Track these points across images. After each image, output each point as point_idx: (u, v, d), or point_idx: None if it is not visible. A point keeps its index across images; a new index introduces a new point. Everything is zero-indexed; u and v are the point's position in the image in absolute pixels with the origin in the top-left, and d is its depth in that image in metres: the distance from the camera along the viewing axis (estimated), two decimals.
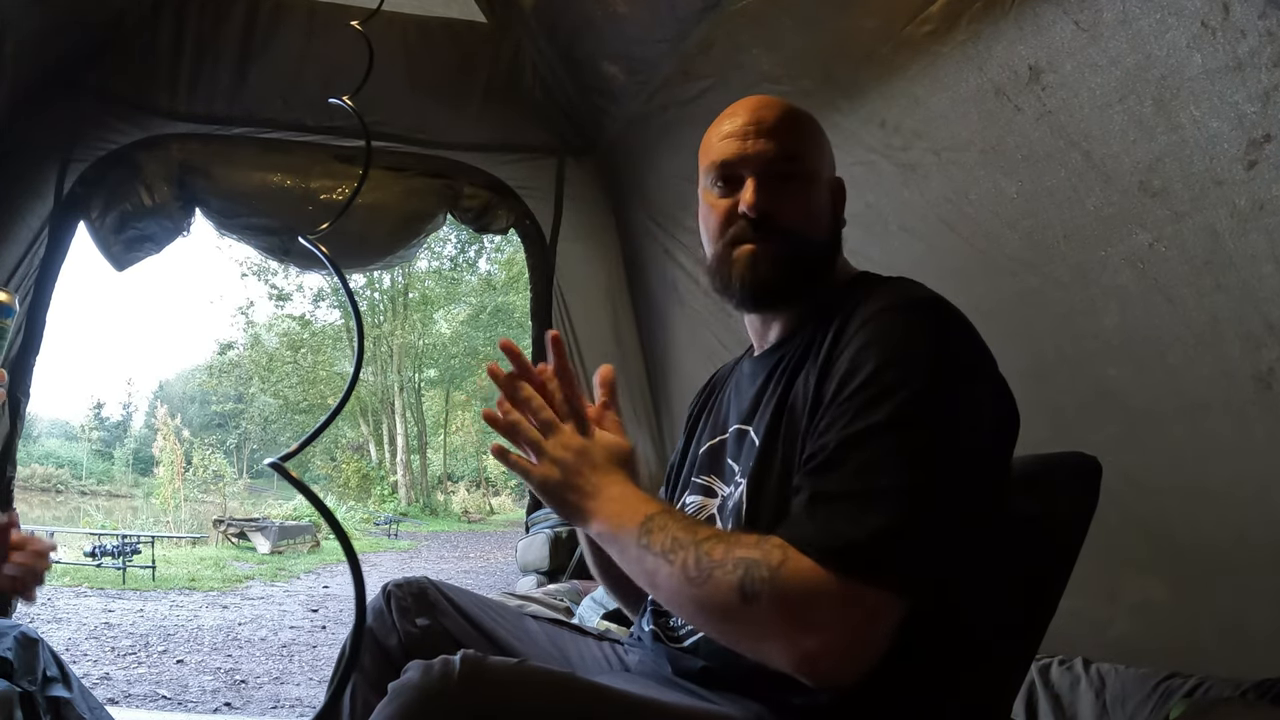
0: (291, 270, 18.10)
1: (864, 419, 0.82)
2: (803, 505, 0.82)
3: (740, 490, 0.98)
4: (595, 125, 3.26)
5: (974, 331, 0.91)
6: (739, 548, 0.80)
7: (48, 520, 13.54)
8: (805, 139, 1.05)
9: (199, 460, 18.52)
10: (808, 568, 0.77)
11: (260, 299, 27.35)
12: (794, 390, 0.95)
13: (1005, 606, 0.91)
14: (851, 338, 0.89)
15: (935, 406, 0.82)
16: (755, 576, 0.77)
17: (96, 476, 23.72)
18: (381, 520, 16.16)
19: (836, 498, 0.80)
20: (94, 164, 2.89)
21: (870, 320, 0.89)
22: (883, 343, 0.86)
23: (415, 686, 0.73)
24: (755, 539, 0.81)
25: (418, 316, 21.92)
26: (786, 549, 0.78)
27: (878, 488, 0.79)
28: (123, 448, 25.58)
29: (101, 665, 4.28)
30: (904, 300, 0.91)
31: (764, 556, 0.78)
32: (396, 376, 22.02)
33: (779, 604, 0.77)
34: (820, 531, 0.78)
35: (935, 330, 0.88)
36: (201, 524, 13.77)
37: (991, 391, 0.90)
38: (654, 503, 0.90)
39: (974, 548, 0.84)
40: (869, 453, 0.81)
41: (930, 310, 0.90)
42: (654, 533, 0.85)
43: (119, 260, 3.03)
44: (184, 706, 3.62)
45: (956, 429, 0.83)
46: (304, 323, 21.65)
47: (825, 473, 0.82)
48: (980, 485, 0.86)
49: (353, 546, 0.74)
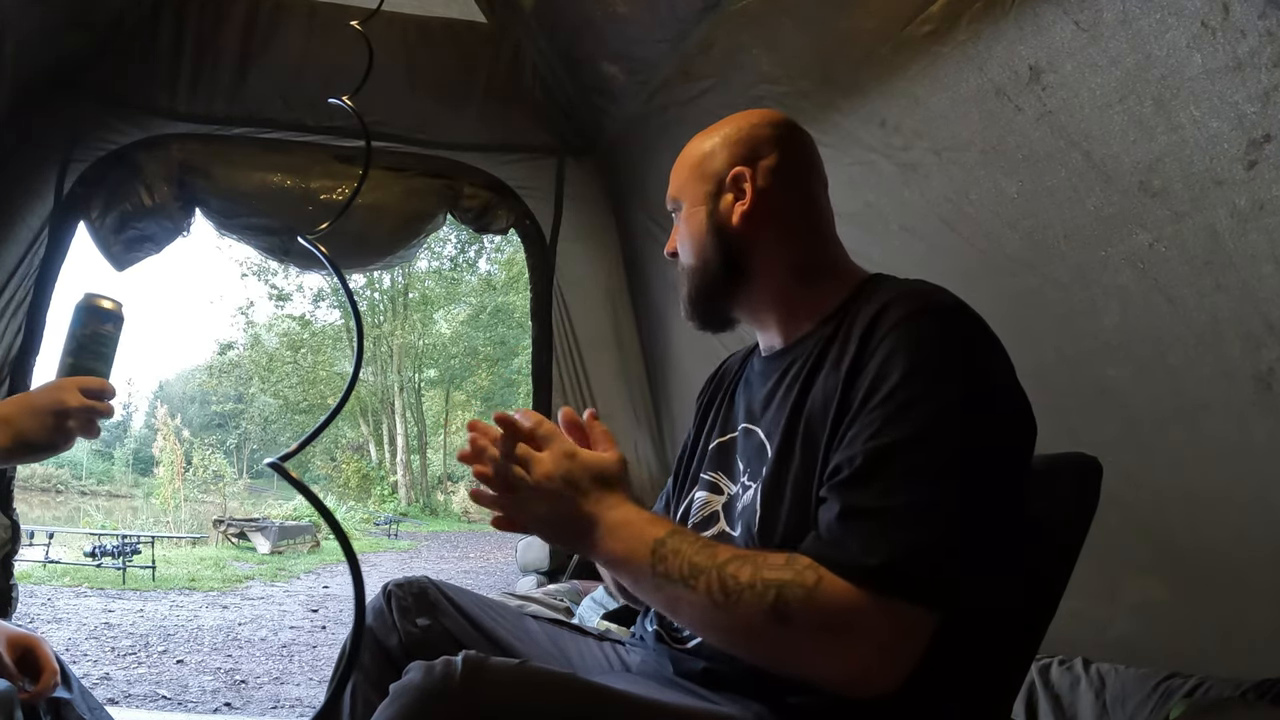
0: (291, 270, 18.10)
1: (892, 431, 0.81)
2: (833, 521, 0.81)
3: (753, 494, 0.98)
4: (595, 125, 3.26)
5: (995, 338, 0.91)
6: (767, 569, 0.79)
7: (48, 520, 13.53)
8: (677, 177, 1.11)
9: (199, 460, 18.53)
10: (842, 588, 0.77)
11: (260, 299, 27.39)
12: (810, 396, 0.94)
13: (1006, 607, 0.91)
14: (878, 345, 0.88)
15: (963, 417, 0.82)
16: (789, 598, 0.77)
17: (96, 476, 23.71)
18: (381, 520, 16.17)
19: (868, 514, 0.80)
20: (94, 164, 2.89)
21: (895, 328, 0.88)
22: (908, 351, 0.85)
23: (417, 687, 0.72)
24: (783, 559, 0.80)
25: (418, 316, 21.93)
26: (819, 569, 0.78)
27: (908, 503, 0.79)
28: (123, 448, 25.59)
29: (101, 665, 4.28)
30: (928, 307, 0.90)
31: (797, 578, 0.78)
32: (396, 376, 22.02)
33: (815, 625, 0.77)
34: (854, 550, 0.78)
35: (961, 338, 0.88)
36: (201, 524, 13.77)
37: (1014, 398, 0.90)
38: (658, 524, 0.88)
39: (1003, 554, 0.84)
40: (898, 466, 0.80)
41: (955, 317, 0.90)
42: (668, 559, 0.84)
43: (119, 260, 3.03)
44: (184, 706, 3.62)
45: (984, 439, 0.83)
46: (304, 323, 21.66)
47: (855, 487, 0.82)
48: (1008, 493, 0.86)
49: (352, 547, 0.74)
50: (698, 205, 1.07)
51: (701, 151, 1.09)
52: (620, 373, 3.44)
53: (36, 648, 1.21)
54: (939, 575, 0.77)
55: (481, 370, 22.39)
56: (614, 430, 1.20)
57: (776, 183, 1.05)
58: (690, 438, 1.22)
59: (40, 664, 1.20)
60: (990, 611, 0.86)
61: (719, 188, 1.06)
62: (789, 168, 1.06)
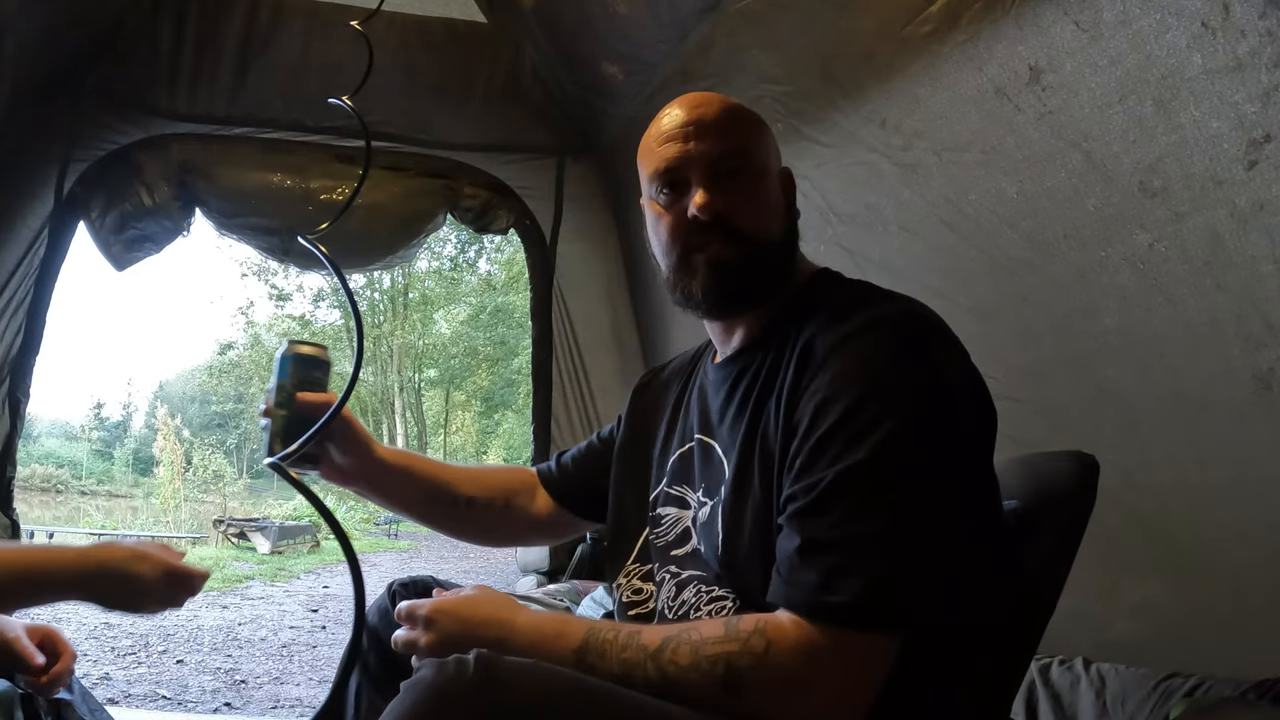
0: (291, 270, 18.11)
1: (848, 457, 0.79)
2: (793, 554, 0.79)
3: (709, 511, 0.96)
4: (595, 125, 3.26)
5: (947, 336, 0.87)
6: (706, 645, 0.78)
7: (48, 520, 13.53)
8: (749, 132, 0.99)
9: (199, 460, 18.53)
10: (794, 638, 0.76)
11: (260, 299, 27.47)
12: (764, 414, 0.91)
13: (1004, 608, 0.90)
14: (823, 363, 0.85)
15: (920, 436, 0.80)
16: (740, 667, 0.76)
17: (96, 476, 23.72)
18: (381, 520, 16.15)
19: (825, 548, 0.78)
20: (94, 164, 2.90)
21: (842, 344, 0.85)
22: (859, 371, 0.82)
23: (429, 684, 0.72)
24: (720, 629, 0.79)
25: (418, 316, 21.94)
26: (766, 629, 0.77)
27: (867, 533, 0.77)
28: (123, 448, 25.60)
29: (101, 665, 4.28)
30: (876, 318, 0.86)
31: (744, 647, 0.77)
32: (396, 376, 22.03)
33: (772, 687, 0.76)
34: (815, 586, 0.77)
35: (913, 351, 0.84)
36: (201, 524, 13.77)
37: (973, 400, 0.88)
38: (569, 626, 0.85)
39: (980, 561, 0.83)
40: (856, 494, 0.78)
41: (905, 327, 0.86)
42: (596, 667, 0.81)
43: (119, 260, 3.04)
44: (184, 706, 3.61)
45: (944, 455, 0.81)
46: (304, 323, 21.65)
47: (811, 516, 0.80)
48: (975, 502, 0.84)
49: (352, 546, 0.74)
50: (773, 176, 1.00)
51: (760, 121, 1.02)
52: (620, 373, 3.44)
53: (55, 635, 1.23)
54: (898, 604, 0.76)
55: (481, 370, 22.39)
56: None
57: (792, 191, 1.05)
58: (626, 439, 1.18)
59: (59, 649, 1.22)
60: (985, 611, 0.86)
61: (787, 173, 1.03)
62: None
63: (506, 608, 0.89)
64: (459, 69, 3.19)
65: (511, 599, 0.91)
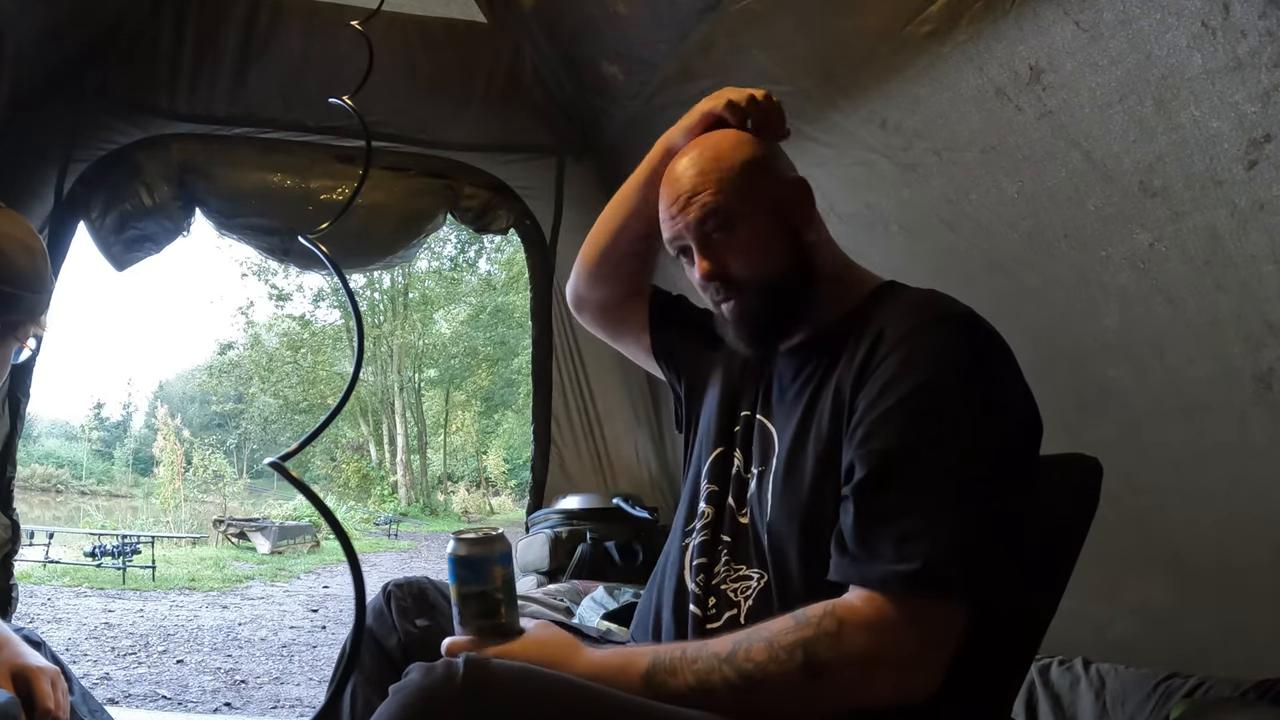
0: (291, 270, 18.11)
1: (911, 434, 0.84)
2: (860, 527, 0.83)
3: (757, 484, 0.99)
4: (595, 125, 3.25)
5: (1006, 345, 0.93)
6: (781, 636, 0.81)
7: (48, 520, 13.52)
8: (725, 185, 1.01)
9: (199, 460, 18.52)
10: (866, 614, 0.79)
11: (260, 299, 27.38)
12: (824, 394, 0.95)
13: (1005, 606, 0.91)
14: (890, 351, 0.90)
15: (978, 421, 0.85)
16: (818, 651, 0.79)
17: (96, 476, 23.70)
18: (381, 520, 16.15)
19: (888, 518, 0.82)
20: (94, 164, 2.89)
21: (909, 335, 0.90)
22: (924, 358, 0.88)
23: (418, 688, 0.72)
24: (789, 621, 0.81)
25: (418, 316, 21.92)
26: (836, 610, 0.80)
27: (930, 505, 0.81)
28: (123, 448, 25.58)
29: (101, 665, 4.28)
30: (941, 315, 0.92)
31: (818, 631, 0.80)
32: (396, 376, 22.01)
33: (848, 663, 0.79)
34: (882, 560, 0.80)
35: (974, 346, 0.90)
36: (201, 524, 13.76)
37: (1025, 404, 0.93)
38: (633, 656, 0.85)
39: (1014, 553, 0.86)
40: (918, 469, 0.83)
41: (967, 326, 0.92)
42: (668, 683, 0.82)
43: (119, 260, 3.03)
44: (184, 706, 3.61)
45: (998, 442, 0.86)
46: (304, 323, 21.63)
47: (874, 491, 0.84)
48: (1018, 495, 0.88)
49: (353, 546, 0.74)
50: (761, 214, 1.01)
51: (745, 158, 1.03)
52: (620, 372, 3.44)
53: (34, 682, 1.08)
54: (962, 573, 0.80)
55: (481, 370, 22.39)
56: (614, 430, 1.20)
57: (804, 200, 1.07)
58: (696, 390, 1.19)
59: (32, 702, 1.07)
60: (992, 613, 0.86)
61: (787, 193, 1.05)
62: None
63: (566, 650, 0.87)
64: (459, 69, 3.19)
65: (572, 639, 0.90)
